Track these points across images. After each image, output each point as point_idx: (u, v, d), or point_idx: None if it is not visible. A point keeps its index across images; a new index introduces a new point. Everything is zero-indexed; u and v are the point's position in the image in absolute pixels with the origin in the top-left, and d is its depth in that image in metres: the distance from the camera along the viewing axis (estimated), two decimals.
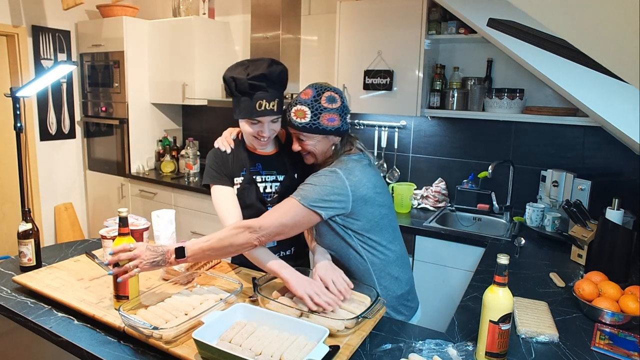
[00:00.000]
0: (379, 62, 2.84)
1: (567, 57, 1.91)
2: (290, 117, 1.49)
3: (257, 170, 1.63)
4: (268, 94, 1.47)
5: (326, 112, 1.46)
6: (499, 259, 1.13)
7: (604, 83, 1.88)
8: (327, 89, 1.49)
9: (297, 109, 1.47)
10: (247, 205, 1.61)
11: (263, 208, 1.60)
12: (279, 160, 1.66)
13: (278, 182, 1.65)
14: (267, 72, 1.47)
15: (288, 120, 1.51)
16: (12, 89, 1.91)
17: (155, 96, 3.95)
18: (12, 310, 1.43)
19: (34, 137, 3.90)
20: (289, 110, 1.50)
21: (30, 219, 1.70)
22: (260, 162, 1.64)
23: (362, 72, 2.89)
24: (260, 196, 1.62)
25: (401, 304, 1.59)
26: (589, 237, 1.93)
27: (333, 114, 1.47)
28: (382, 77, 2.83)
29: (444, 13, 2.73)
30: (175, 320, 1.27)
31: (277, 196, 1.63)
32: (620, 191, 2.10)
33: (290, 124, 1.50)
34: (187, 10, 3.82)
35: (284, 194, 1.54)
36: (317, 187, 1.41)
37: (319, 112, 1.45)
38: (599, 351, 1.28)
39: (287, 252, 1.71)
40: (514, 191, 2.78)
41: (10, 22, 3.63)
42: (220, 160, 1.63)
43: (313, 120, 1.45)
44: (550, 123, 2.63)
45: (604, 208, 1.97)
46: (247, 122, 1.52)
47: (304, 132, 1.48)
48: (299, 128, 1.47)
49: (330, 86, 1.50)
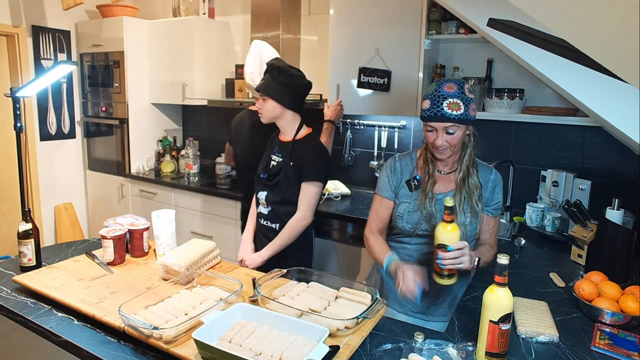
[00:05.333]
0: (376, 61, 2.79)
1: (567, 57, 1.91)
2: (444, 111, 1.47)
3: (273, 151, 2.11)
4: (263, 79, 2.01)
5: (472, 102, 1.51)
6: (499, 259, 1.13)
7: (604, 83, 1.87)
8: (462, 81, 1.53)
9: (450, 102, 1.47)
10: (257, 171, 2.15)
11: (260, 174, 2.11)
12: (287, 147, 2.06)
13: (276, 162, 2.07)
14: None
15: (439, 115, 1.48)
16: (12, 89, 1.91)
17: (155, 96, 3.95)
18: (12, 310, 1.43)
19: (34, 137, 3.90)
20: (439, 105, 1.48)
21: (30, 219, 1.70)
22: (278, 145, 2.10)
23: (357, 70, 2.81)
24: (265, 166, 2.11)
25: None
26: (589, 237, 1.93)
27: (474, 103, 1.53)
28: (379, 76, 2.79)
29: (444, 13, 2.73)
30: (175, 320, 1.27)
31: (272, 171, 2.06)
32: (620, 191, 2.10)
33: (444, 118, 1.48)
34: (187, 10, 3.82)
35: (277, 172, 2.03)
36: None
37: (468, 102, 1.48)
38: (599, 351, 1.28)
39: (273, 225, 2.08)
40: (514, 191, 2.78)
41: (10, 22, 3.63)
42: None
43: (465, 111, 1.48)
44: (550, 123, 2.63)
45: (604, 208, 1.97)
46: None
47: (458, 123, 1.48)
48: (455, 120, 1.47)
49: (453, 78, 1.59)
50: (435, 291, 1.63)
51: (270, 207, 2.08)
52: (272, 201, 2.06)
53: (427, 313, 1.69)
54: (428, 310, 1.69)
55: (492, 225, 1.66)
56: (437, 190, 1.61)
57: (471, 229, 1.58)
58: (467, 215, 1.57)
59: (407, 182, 1.65)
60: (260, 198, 2.10)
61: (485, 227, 1.65)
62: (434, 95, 1.49)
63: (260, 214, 2.13)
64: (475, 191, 1.57)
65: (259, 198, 2.11)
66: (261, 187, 2.10)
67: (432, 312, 1.69)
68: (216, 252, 1.81)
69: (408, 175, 1.66)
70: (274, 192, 2.05)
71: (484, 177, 1.62)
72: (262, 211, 2.11)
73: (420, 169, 1.64)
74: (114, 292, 1.52)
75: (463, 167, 1.58)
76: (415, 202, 1.61)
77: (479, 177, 1.60)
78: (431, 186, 1.60)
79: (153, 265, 1.78)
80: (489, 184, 1.63)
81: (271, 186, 2.05)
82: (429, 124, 1.52)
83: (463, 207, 1.57)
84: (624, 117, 1.93)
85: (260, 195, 2.10)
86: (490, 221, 1.66)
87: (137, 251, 1.85)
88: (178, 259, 1.61)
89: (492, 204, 1.64)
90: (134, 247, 1.85)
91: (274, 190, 2.05)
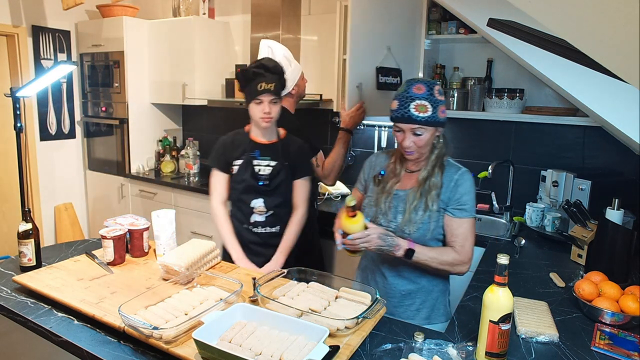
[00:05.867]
0: (388, 59, 2.58)
1: (567, 57, 1.91)
2: (410, 113, 1.48)
3: (254, 156, 1.99)
4: (266, 79, 1.89)
5: (441, 105, 1.50)
6: (499, 259, 1.13)
7: (604, 83, 1.87)
8: (433, 82, 1.53)
9: (417, 104, 1.47)
10: (241, 180, 2.00)
11: (253, 182, 1.97)
12: (275, 149, 2.01)
13: (270, 167, 1.99)
14: (264, 63, 1.92)
15: (406, 117, 1.49)
16: (12, 89, 1.91)
17: (155, 96, 3.95)
18: (12, 310, 1.43)
19: (34, 137, 3.90)
20: (406, 106, 1.49)
21: (30, 219, 1.70)
22: (259, 149, 2.00)
23: (374, 70, 2.48)
24: (254, 174, 1.98)
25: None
26: (589, 237, 1.93)
27: (444, 105, 1.52)
28: (393, 75, 2.58)
29: (444, 13, 2.73)
30: (175, 320, 1.27)
31: (270, 175, 1.98)
32: (620, 191, 2.10)
33: (410, 120, 1.49)
34: (187, 10, 3.82)
35: (275, 175, 1.98)
36: (473, 195, 1.58)
37: (436, 105, 1.48)
38: (599, 351, 1.28)
39: (274, 229, 2.03)
40: (514, 191, 2.78)
41: (10, 22, 3.63)
42: (222, 148, 2.04)
43: (433, 113, 1.48)
44: (550, 123, 2.63)
45: (604, 208, 1.97)
46: (254, 104, 1.92)
47: (425, 125, 1.48)
48: (422, 122, 1.48)
49: (424, 79, 1.54)
50: (399, 296, 1.65)
51: (270, 212, 2.00)
52: (273, 206, 2.00)
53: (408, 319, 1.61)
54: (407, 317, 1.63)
55: (454, 227, 1.56)
56: (398, 187, 1.63)
57: (424, 228, 1.56)
58: (419, 213, 1.56)
59: (374, 177, 1.70)
60: (255, 207, 1.99)
61: (447, 228, 1.58)
62: (402, 96, 1.50)
63: (254, 224, 2.01)
64: (433, 190, 1.55)
65: (253, 207, 1.99)
66: (254, 195, 1.99)
67: (412, 317, 1.63)
68: (216, 252, 1.81)
69: (379, 170, 1.70)
70: (274, 196, 2.00)
71: (448, 177, 1.57)
72: (257, 220, 2.00)
73: (391, 165, 1.68)
74: (114, 292, 1.52)
75: (428, 167, 1.58)
76: (374, 197, 1.66)
77: (443, 177, 1.57)
78: (393, 184, 1.63)
79: (153, 265, 1.78)
80: (451, 183, 1.56)
81: (270, 191, 1.99)
82: (396, 124, 1.53)
83: (416, 205, 1.56)
84: (624, 117, 1.93)
85: (255, 203, 1.99)
86: (452, 223, 1.56)
87: (137, 251, 1.85)
88: (178, 259, 1.61)
89: (452, 204, 1.56)
90: (134, 247, 1.85)
91: (274, 194, 1.99)
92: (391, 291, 1.66)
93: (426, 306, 1.65)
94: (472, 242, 1.59)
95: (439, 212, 1.57)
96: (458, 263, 1.56)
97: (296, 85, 2.36)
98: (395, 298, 1.65)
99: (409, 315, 1.63)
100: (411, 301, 1.65)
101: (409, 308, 1.65)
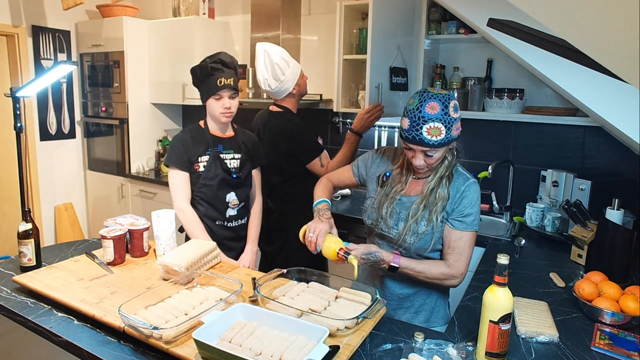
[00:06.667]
0: (398, 59, 2.56)
1: (567, 57, 1.91)
2: (423, 137, 1.37)
3: (219, 150, 2.01)
4: (225, 74, 1.91)
5: (455, 122, 1.40)
6: (499, 259, 1.13)
7: (604, 83, 1.87)
8: (448, 97, 1.39)
9: (430, 127, 1.36)
10: (214, 176, 1.98)
11: (227, 176, 1.99)
12: (235, 141, 2.08)
13: (236, 159, 2.04)
14: (222, 58, 1.92)
15: (418, 140, 1.39)
16: (12, 89, 1.91)
17: (155, 96, 3.95)
18: (12, 310, 1.43)
19: (34, 137, 3.90)
20: (418, 129, 1.38)
21: (30, 219, 1.70)
22: (221, 143, 2.03)
23: (388, 70, 2.47)
24: (225, 168, 2.00)
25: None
26: (589, 237, 1.93)
27: (459, 122, 1.42)
28: (402, 75, 2.55)
29: (444, 13, 2.73)
30: (175, 320, 1.27)
31: (239, 168, 2.03)
32: (620, 191, 2.10)
33: (422, 143, 1.39)
34: (187, 10, 3.82)
35: (242, 166, 2.04)
36: (478, 208, 1.51)
37: (450, 124, 1.38)
38: (599, 351, 1.28)
39: (243, 221, 2.11)
40: (514, 191, 2.78)
41: (10, 22, 3.63)
42: (182, 146, 1.98)
43: (447, 135, 1.38)
44: (550, 123, 2.63)
45: (604, 208, 1.97)
46: (213, 99, 1.94)
47: (438, 147, 1.40)
48: (435, 145, 1.39)
49: (440, 92, 1.40)
50: (397, 300, 1.64)
51: (242, 204, 2.08)
52: (243, 197, 2.10)
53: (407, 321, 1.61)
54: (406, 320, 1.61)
55: (452, 239, 1.50)
56: (403, 193, 1.57)
57: (425, 239, 1.51)
58: (422, 225, 1.50)
59: (378, 177, 1.65)
60: (229, 201, 2.03)
61: (445, 239, 1.52)
62: (414, 115, 1.38)
63: (229, 218, 2.05)
64: (439, 202, 1.48)
65: (229, 202, 2.03)
66: (228, 190, 2.02)
67: (411, 320, 1.63)
68: (216, 252, 1.81)
69: (383, 171, 1.65)
70: (243, 188, 2.09)
71: (455, 188, 1.51)
72: (231, 214, 2.05)
73: (397, 168, 1.62)
74: (114, 292, 1.52)
75: (436, 178, 1.51)
76: (377, 199, 1.61)
77: (450, 188, 1.50)
78: (398, 191, 1.57)
79: (153, 265, 1.78)
80: (457, 195, 1.50)
81: (240, 183, 2.06)
82: (406, 143, 1.44)
83: (419, 218, 1.50)
84: (624, 117, 1.93)
85: (229, 197, 2.03)
86: (451, 234, 1.50)
87: (137, 251, 1.85)
88: (178, 259, 1.61)
89: (455, 215, 1.50)
90: (134, 247, 1.85)
91: (244, 186, 2.08)
92: (389, 294, 1.65)
93: (425, 309, 1.65)
94: (468, 256, 1.52)
95: (442, 222, 1.52)
96: (448, 277, 1.52)
97: (297, 85, 2.33)
98: (393, 301, 1.64)
99: (407, 318, 1.63)
100: (409, 304, 1.64)
101: (407, 311, 1.65)
